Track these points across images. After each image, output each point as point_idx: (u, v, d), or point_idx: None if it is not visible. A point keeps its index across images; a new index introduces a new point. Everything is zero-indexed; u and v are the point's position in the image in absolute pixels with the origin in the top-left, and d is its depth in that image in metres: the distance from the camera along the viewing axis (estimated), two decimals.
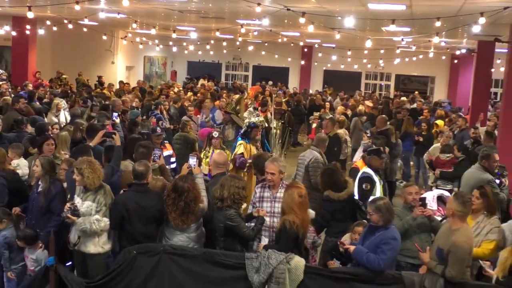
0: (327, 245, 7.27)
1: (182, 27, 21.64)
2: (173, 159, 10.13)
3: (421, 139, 14.15)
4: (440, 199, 8.32)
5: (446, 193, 8.41)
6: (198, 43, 28.12)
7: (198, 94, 20.83)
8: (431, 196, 8.50)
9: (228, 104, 12.81)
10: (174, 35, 19.71)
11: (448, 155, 11.06)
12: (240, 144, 10.29)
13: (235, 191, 6.38)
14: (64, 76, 22.69)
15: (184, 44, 28.94)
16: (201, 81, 28.89)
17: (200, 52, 31.53)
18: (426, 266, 6.01)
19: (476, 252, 6.30)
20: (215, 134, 10.31)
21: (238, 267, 6.18)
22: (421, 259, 6.09)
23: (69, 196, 7.04)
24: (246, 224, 6.51)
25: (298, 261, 6.04)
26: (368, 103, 19.67)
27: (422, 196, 7.05)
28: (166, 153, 9.47)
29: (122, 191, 6.99)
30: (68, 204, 6.55)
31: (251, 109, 12.61)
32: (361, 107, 18.94)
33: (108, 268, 6.68)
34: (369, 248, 5.98)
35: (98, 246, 6.58)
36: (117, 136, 8.16)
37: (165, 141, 10.25)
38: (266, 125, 13.27)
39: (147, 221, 6.53)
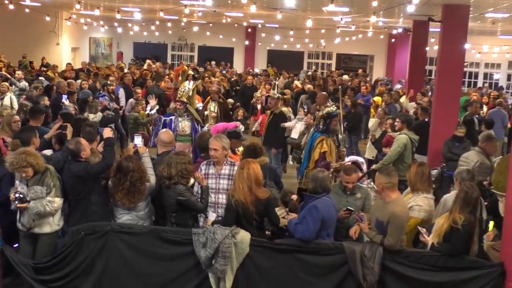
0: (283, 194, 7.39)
1: (126, 8, 21.20)
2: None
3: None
4: (355, 164, 8.56)
5: (361, 159, 8.64)
6: (143, 24, 27.67)
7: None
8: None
9: (184, 92, 10.49)
10: (118, 16, 19.31)
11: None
12: (322, 140, 9.03)
13: (182, 167, 6.36)
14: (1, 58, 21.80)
15: (129, 25, 28.41)
16: (147, 62, 28.44)
17: (145, 33, 31.05)
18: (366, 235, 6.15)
19: None
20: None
21: (186, 243, 6.17)
22: (361, 229, 6.21)
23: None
24: None
25: (244, 235, 6.07)
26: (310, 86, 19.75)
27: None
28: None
29: None
30: (12, 196, 6.33)
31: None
32: (309, 86, 19.09)
33: (56, 248, 6.57)
34: (299, 217, 6.13)
35: (53, 225, 6.47)
36: (69, 128, 7.98)
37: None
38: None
39: None
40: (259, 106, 17.54)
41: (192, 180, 6.59)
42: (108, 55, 33.17)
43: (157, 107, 10.43)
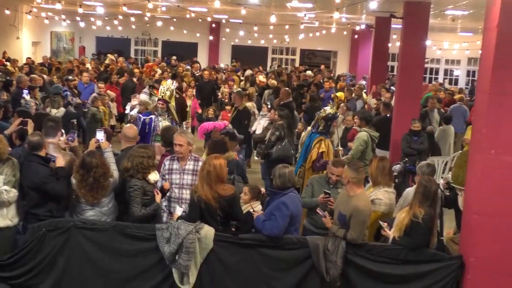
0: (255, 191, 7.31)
1: (88, 2, 20.87)
2: None
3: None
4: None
5: None
6: (106, 18, 27.26)
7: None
8: None
9: (166, 91, 10.09)
10: (80, 10, 18.95)
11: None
12: (320, 140, 9.16)
13: (139, 161, 6.27)
14: None
15: (92, 19, 27.99)
16: (109, 57, 28.06)
17: (108, 28, 30.59)
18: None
19: None
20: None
21: (149, 238, 6.13)
22: (324, 223, 6.27)
23: None
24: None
25: (208, 230, 6.05)
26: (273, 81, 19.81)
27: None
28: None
29: None
30: None
31: (146, 90, 12.01)
32: (273, 81, 19.12)
33: (17, 244, 6.44)
34: (266, 214, 6.12)
35: (6, 219, 6.33)
36: (30, 123, 7.83)
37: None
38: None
39: None
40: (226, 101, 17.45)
41: (154, 176, 6.49)
42: (70, 50, 32.61)
43: (137, 107, 10.14)
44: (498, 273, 5.82)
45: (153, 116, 9.86)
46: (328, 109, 9.41)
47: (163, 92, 10.07)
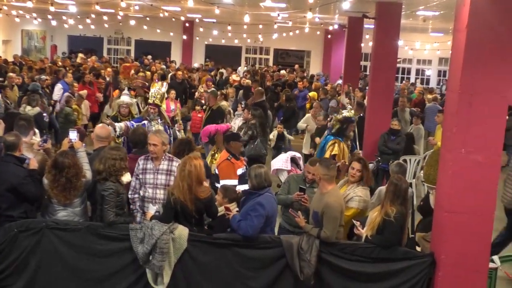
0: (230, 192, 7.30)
1: (60, 0, 20.62)
2: None
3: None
4: (293, 160, 8.73)
5: (298, 154, 8.82)
6: (78, 17, 26.97)
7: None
8: (284, 158, 8.93)
9: (157, 94, 9.47)
10: (52, 9, 18.71)
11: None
12: (334, 143, 9.00)
13: (111, 163, 6.17)
14: None
15: (64, 17, 27.65)
16: (80, 56, 27.76)
17: (80, 26, 30.30)
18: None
19: None
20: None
21: (123, 238, 6.09)
22: (298, 223, 6.30)
23: None
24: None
25: (182, 230, 6.04)
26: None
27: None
28: None
29: None
30: None
31: (126, 91, 11.79)
32: (247, 81, 19.14)
33: None
34: (242, 214, 6.13)
35: None
36: (0, 123, 7.72)
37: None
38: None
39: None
40: (203, 101, 17.40)
41: (126, 177, 6.44)
42: (41, 48, 32.19)
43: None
44: (468, 271, 5.92)
45: (145, 122, 9.40)
46: (346, 112, 9.24)
47: (154, 96, 9.50)
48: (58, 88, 14.93)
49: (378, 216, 6.09)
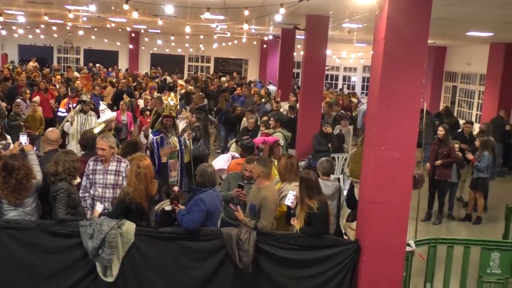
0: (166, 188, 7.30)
1: (10, 11, 19.94)
2: None
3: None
4: (233, 158, 8.82)
5: (237, 155, 8.89)
6: (28, 27, 26.15)
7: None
8: (226, 158, 8.97)
9: (168, 107, 9.05)
10: (1, 19, 18.06)
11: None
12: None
13: (70, 165, 6.08)
14: None
15: (14, 27, 26.76)
16: (30, 64, 26.92)
17: (30, 36, 29.38)
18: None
19: None
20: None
21: (73, 235, 5.98)
22: (236, 216, 6.35)
23: None
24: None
25: (129, 226, 5.99)
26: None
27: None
28: None
29: None
30: None
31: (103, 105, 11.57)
32: (190, 87, 19.08)
33: None
34: (187, 209, 6.12)
35: None
36: None
37: None
38: None
39: None
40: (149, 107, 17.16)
41: (77, 179, 6.35)
42: None
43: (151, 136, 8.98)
44: (387, 255, 6.10)
45: (162, 134, 9.01)
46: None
47: (170, 109, 9.09)
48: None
49: (302, 212, 6.17)
